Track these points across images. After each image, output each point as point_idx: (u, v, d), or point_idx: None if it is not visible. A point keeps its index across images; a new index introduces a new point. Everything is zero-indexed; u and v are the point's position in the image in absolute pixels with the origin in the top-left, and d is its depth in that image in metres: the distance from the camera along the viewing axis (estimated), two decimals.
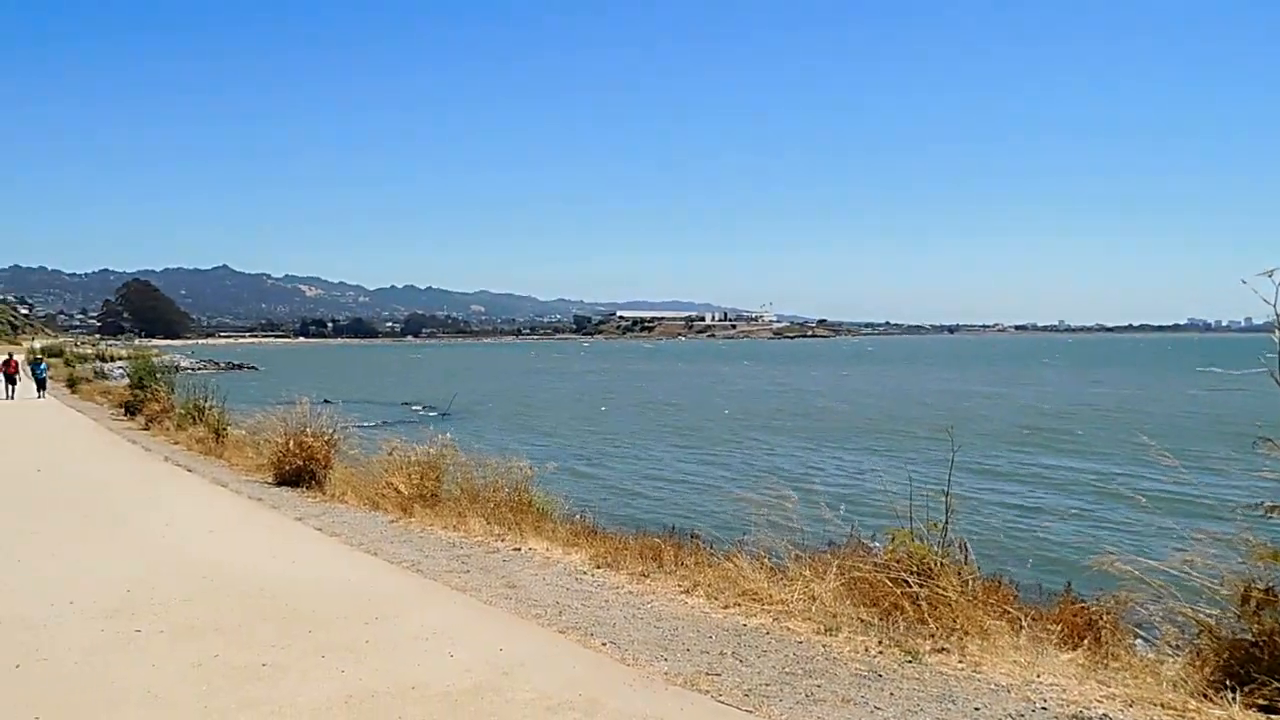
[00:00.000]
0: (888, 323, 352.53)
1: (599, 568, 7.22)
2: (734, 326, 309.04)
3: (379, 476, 11.01)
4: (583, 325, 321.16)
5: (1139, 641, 5.23)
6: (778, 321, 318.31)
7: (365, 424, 16.99)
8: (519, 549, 7.91)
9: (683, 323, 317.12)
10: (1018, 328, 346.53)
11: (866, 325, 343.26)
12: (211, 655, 5.04)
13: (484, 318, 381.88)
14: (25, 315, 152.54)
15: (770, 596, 6.07)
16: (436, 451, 10.82)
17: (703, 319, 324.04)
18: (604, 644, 5.34)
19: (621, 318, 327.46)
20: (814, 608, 5.86)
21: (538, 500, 9.82)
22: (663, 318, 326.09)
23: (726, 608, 6.05)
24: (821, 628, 5.54)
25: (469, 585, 6.71)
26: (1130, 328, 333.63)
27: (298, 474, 11.65)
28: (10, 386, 29.61)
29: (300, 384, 17.91)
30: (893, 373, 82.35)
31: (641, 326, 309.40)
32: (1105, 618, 5.30)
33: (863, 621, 5.57)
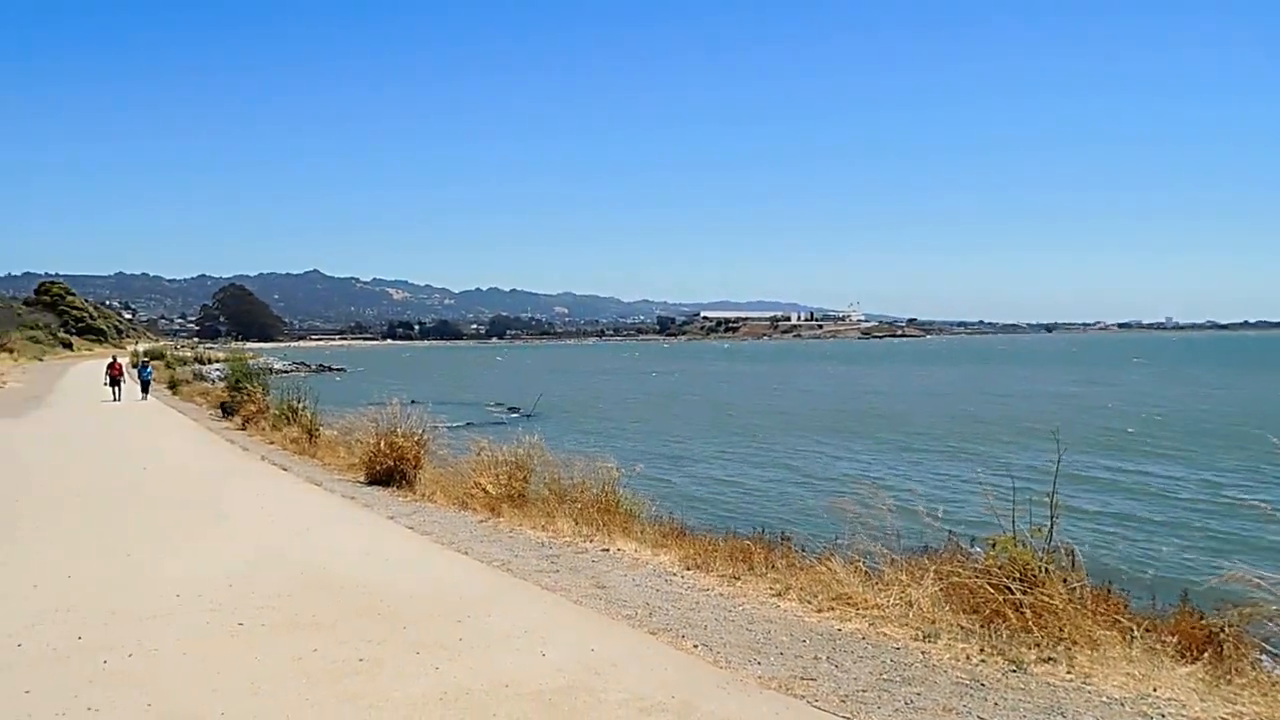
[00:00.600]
0: (981, 321, 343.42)
1: (688, 569, 7.22)
2: (820, 326, 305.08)
3: (467, 477, 11.21)
4: (666, 326, 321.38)
5: (1265, 658, 4.98)
6: (865, 321, 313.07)
7: (452, 424, 17.36)
8: (607, 549, 7.97)
9: (767, 323, 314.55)
10: (1121, 325, 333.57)
11: (959, 324, 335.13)
12: (310, 649, 5.21)
13: (567, 319, 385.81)
14: (129, 319, 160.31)
15: (865, 601, 5.98)
16: (524, 452, 10.98)
17: (788, 319, 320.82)
18: (696, 646, 5.34)
19: (705, 318, 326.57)
20: (911, 613, 5.75)
21: (625, 501, 9.87)
22: (747, 318, 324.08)
23: (820, 611, 5.98)
24: (919, 634, 5.43)
25: (559, 585, 6.79)
26: (1245, 324, 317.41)
27: (388, 474, 11.96)
28: (116, 388, 31.08)
29: (387, 385, 18.43)
30: (975, 373, 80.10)
31: (726, 327, 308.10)
32: (1228, 631, 5.06)
33: (963, 629, 5.44)
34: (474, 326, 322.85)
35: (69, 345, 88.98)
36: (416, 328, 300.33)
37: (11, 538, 8.54)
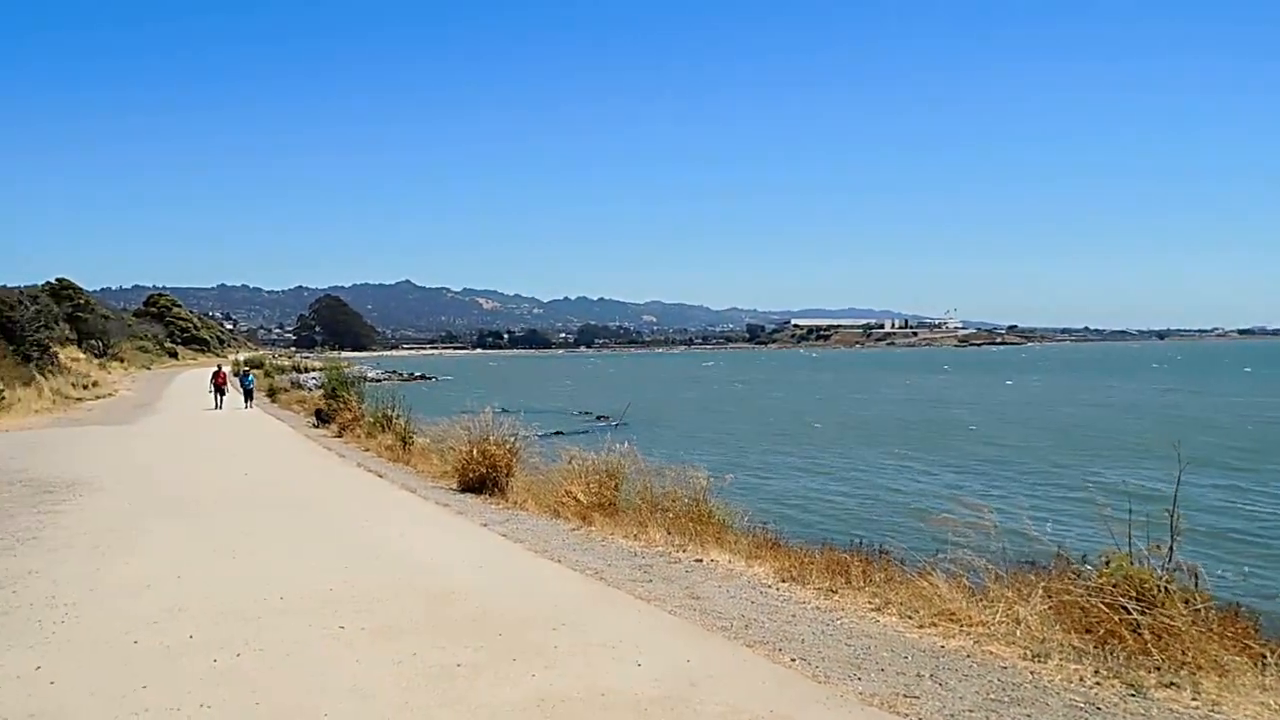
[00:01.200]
0: (1087, 328, 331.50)
1: (784, 581, 7.16)
2: (915, 334, 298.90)
3: (558, 485, 11.34)
4: (756, 334, 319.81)
5: None
6: (963, 328, 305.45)
7: (541, 433, 17.61)
8: (701, 560, 7.96)
9: (860, 331, 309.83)
10: (1241, 332, 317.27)
11: (1063, 331, 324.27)
12: (410, 653, 5.35)
13: (655, 328, 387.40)
14: (230, 329, 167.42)
15: (970, 618, 5.83)
16: (615, 461, 11.06)
17: (881, 326, 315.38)
18: (793, 660, 5.29)
19: (796, 326, 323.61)
20: (1018, 631, 5.59)
21: (718, 511, 9.85)
22: (839, 326, 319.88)
23: (922, 627, 5.86)
24: (1028, 653, 5.27)
25: (653, 595, 6.81)
26: None
27: (481, 481, 12.19)
28: (219, 397, 32.48)
29: (477, 394, 18.74)
30: (1067, 382, 77.17)
31: (817, 335, 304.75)
32: None
33: (1075, 649, 5.26)
34: (562, 335, 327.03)
35: (175, 354, 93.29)
36: (505, 337, 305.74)
37: (126, 539, 8.99)
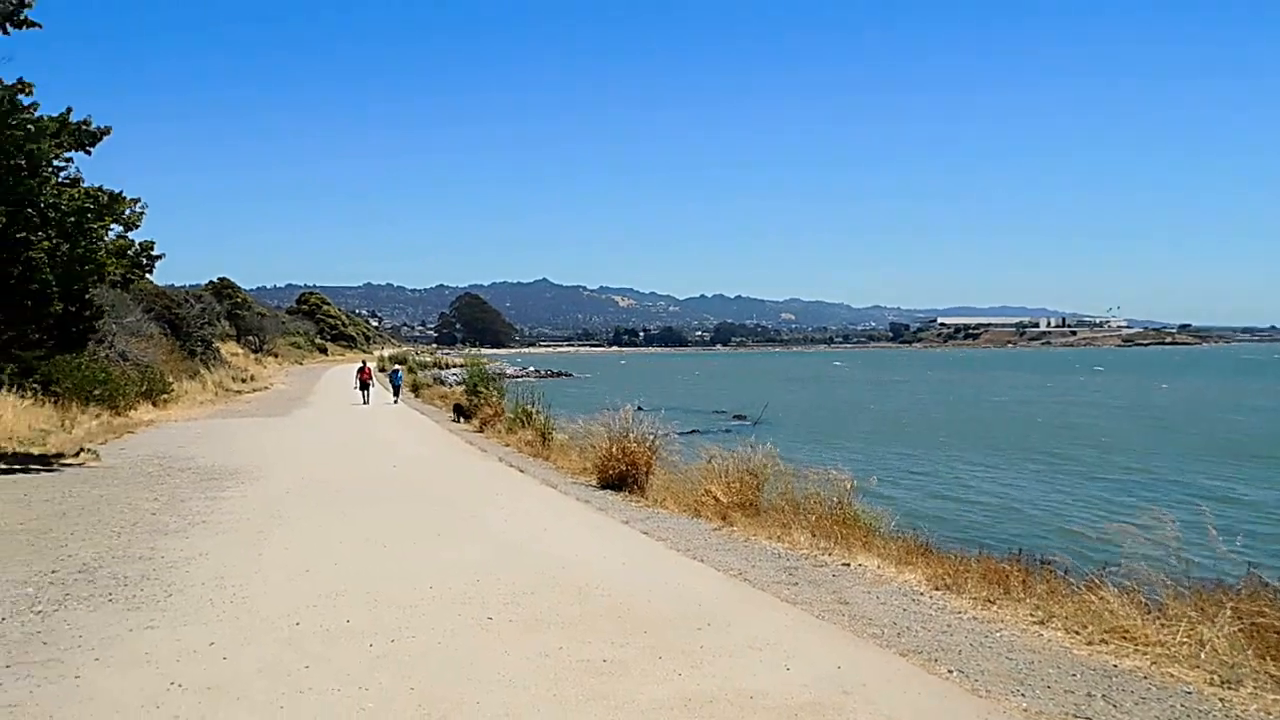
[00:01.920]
0: (1273, 327, 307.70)
1: (937, 589, 6.95)
2: (1073, 333, 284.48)
3: (697, 484, 11.36)
4: (899, 333, 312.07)
5: None
6: (1128, 327, 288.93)
7: (679, 431, 17.69)
8: (848, 564, 7.81)
9: (1013, 329, 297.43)
10: None
11: (1244, 330, 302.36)
12: (556, 647, 5.45)
13: (794, 326, 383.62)
14: (375, 327, 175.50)
15: (1145, 637, 5.50)
16: (756, 460, 10.99)
17: (1036, 325, 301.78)
18: (950, 672, 5.12)
19: (943, 325, 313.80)
20: (1203, 654, 5.23)
21: (863, 514, 9.66)
22: (989, 324, 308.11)
23: (1091, 644, 5.57)
24: (1216, 679, 4.93)
25: (799, 598, 6.73)
26: None
27: (620, 478, 12.33)
28: (365, 392, 34.04)
29: (613, 391, 18.96)
30: (1227, 385, 71.53)
31: (965, 334, 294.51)
32: None
33: (1272, 677, 4.88)
34: (698, 334, 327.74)
35: (324, 350, 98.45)
36: (641, 334, 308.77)
37: (284, 525, 9.54)
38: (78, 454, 15.26)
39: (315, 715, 4.40)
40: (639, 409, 13.78)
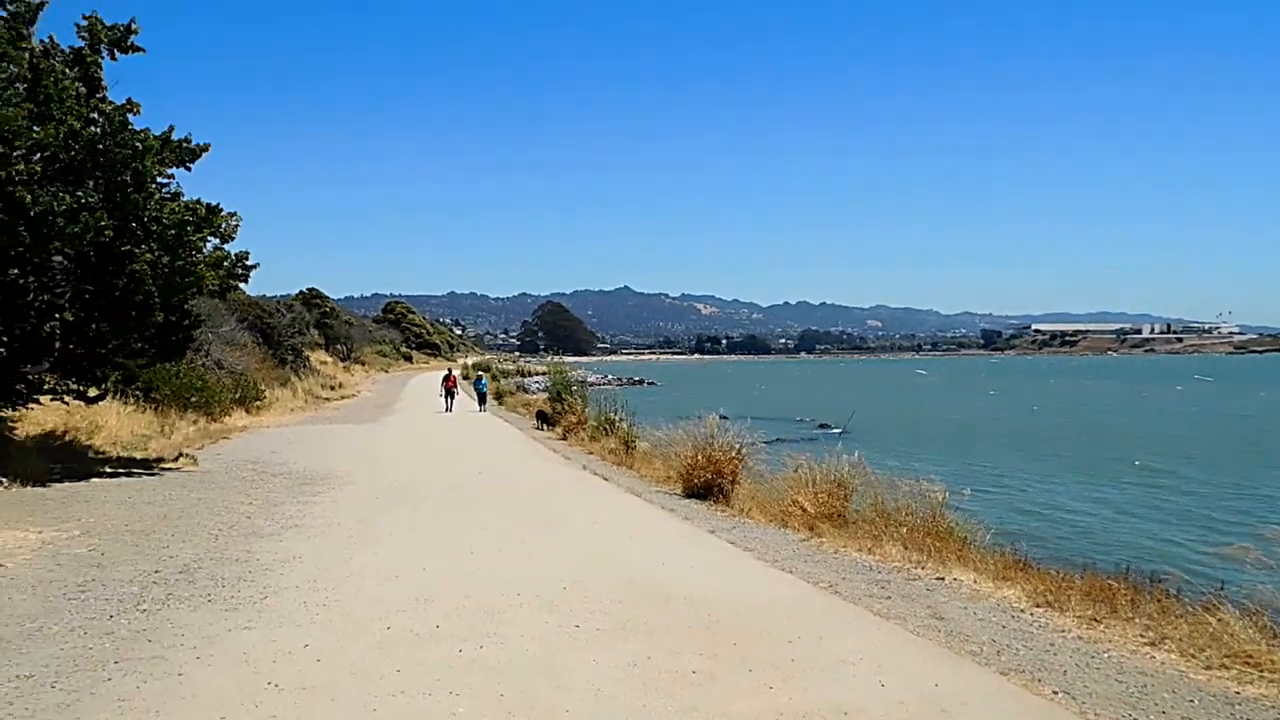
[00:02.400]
0: None
1: (1038, 606, 6.74)
2: (1179, 340, 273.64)
3: (783, 494, 11.26)
4: (991, 340, 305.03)
5: None
6: (1240, 333, 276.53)
7: (763, 440, 17.53)
8: (942, 578, 7.63)
9: (1112, 336, 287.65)
10: None
11: None
12: (645, 657, 5.44)
13: (880, 333, 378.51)
14: (459, 335, 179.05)
15: (1272, 663, 5.23)
16: (844, 471, 10.84)
17: (1138, 331, 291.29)
18: (1055, 693, 4.95)
19: (1038, 331, 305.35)
20: None
21: (957, 527, 9.44)
22: (1087, 331, 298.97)
23: (1209, 669, 5.32)
24: None
25: (892, 612, 6.59)
26: None
27: (706, 487, 12.29)
28: (449, 400, 34.65)
29: (695, 399, 18.93)
30: None
31: (1061, 341, 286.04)
32: None
33: None
34: (782, 341, 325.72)
35: (409, 358, 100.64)
36: (724, 342, 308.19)
37: (374, 530, 9.75)
38: (177, 459, 15.88)
39: (406, 719, 4.47)
40: (723, 417, 13.72)
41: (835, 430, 36.56)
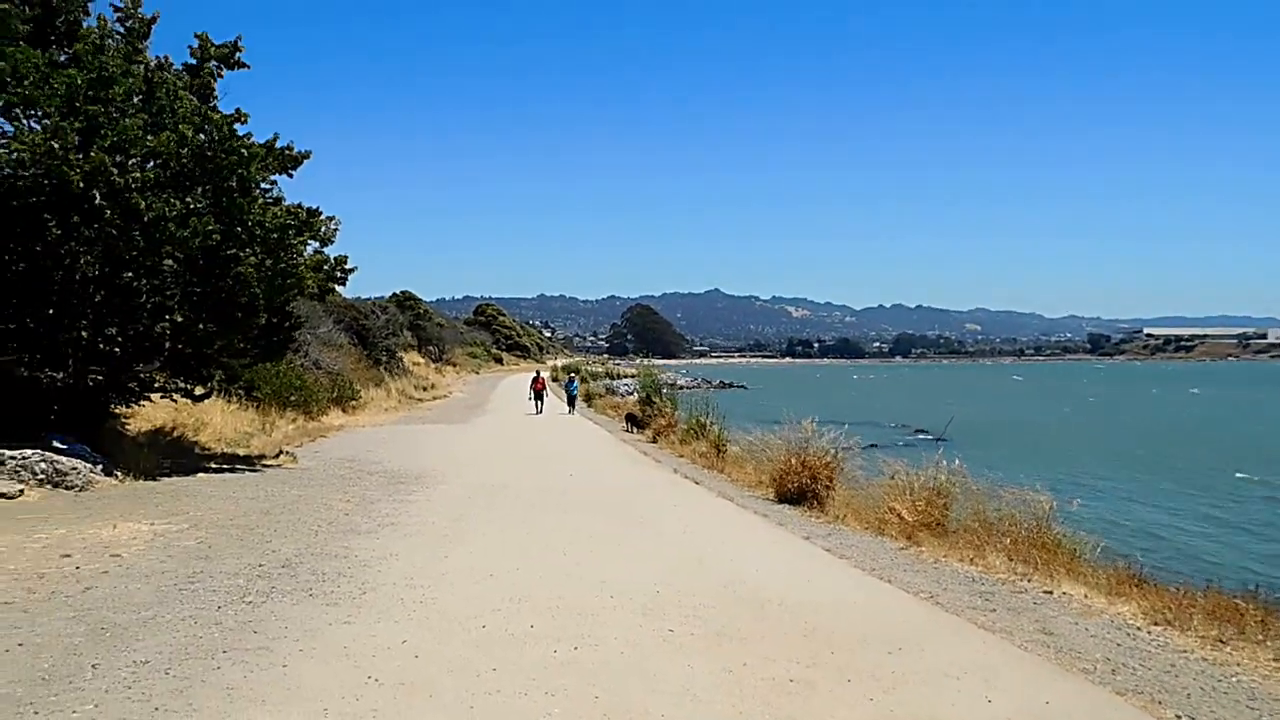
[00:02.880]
0: None
1: (1156, 624, 6.47)
2: None
3: (880, 500, 11.06)
4: (1099, 344, 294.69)
5: None
6: None
7: (858, 445, 17.26)
8: (1049, 591, 7.39)
9: (1233, 340, 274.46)
10: None
11: None
12: (740, 663, 5.40)
13: (980, 337, 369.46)
14: (548, 337, 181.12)
15: None
16: (943, 478, 10.60)
17: (1263, 335, 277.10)
18: (1178, 716, 4.74)
19: (1149, 335, 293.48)
20: None
21: (1065, 539, 9.12)
22: (1205, 335, 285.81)
23: None
24: None
25: (996, 625, 6.41)
26: None
27: (799, 492, 12.15)
28: (539, 402, 35.00)
29: (785, 403, 18.71)
30: None
31: (1176, 345, 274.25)
32: None
33: None
34: (876, 345, 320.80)
35: (499, 360, 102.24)
36: (816, 345, 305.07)
37: (467, 529, 9.91)
38: (277, 456, 16.43)
39: (503, 717, 4.53)
40: (815, 421, 13.54)
41: (931, 437, 35.87)
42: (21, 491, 10.48)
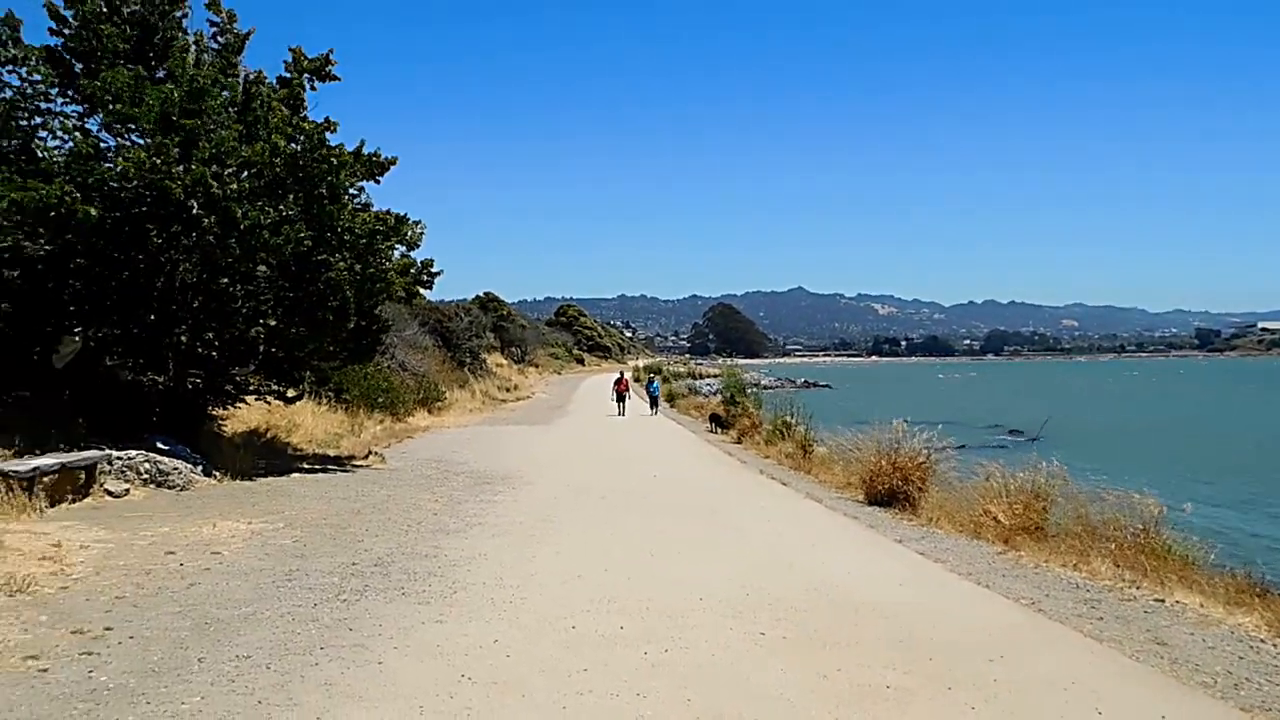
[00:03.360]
0: None
1: None
2: None
3: (974, 503, 10.80)
4: (1207, 340, 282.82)
5: None
6: None
7: (951, 446, 16.86)
8: (1162, 600, 7.11)
9: None
10: None
11: None
12: (834, 669, 5.32)
13: (1077, 333, 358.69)
14: (629, 337, 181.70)
15: None
16: (1042, 481, 10.31)
17: None
18: None
19: (1265, 330, 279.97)
20: None
21: (1176, 544, 8.77)
22: None
23: None
24: None
25: (1104, 634, 6.19)
26: None
27: (890, 494, 11.95)
28: (621, 404, 34.93)
29: (872, 402, 18.42)
30: None
31: None
32: None
33: None
34: (966, 342, 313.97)
35: (581, 360, 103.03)
36: (903, 343, 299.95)
37: (554, 530, 10.00)
38: (366, 456, 16.84)
39: (595, 718, 4.54)
40: (907, 420, 13.29)
41: (1025, 437, 34.92)
42: (128, 490, 10.94)
